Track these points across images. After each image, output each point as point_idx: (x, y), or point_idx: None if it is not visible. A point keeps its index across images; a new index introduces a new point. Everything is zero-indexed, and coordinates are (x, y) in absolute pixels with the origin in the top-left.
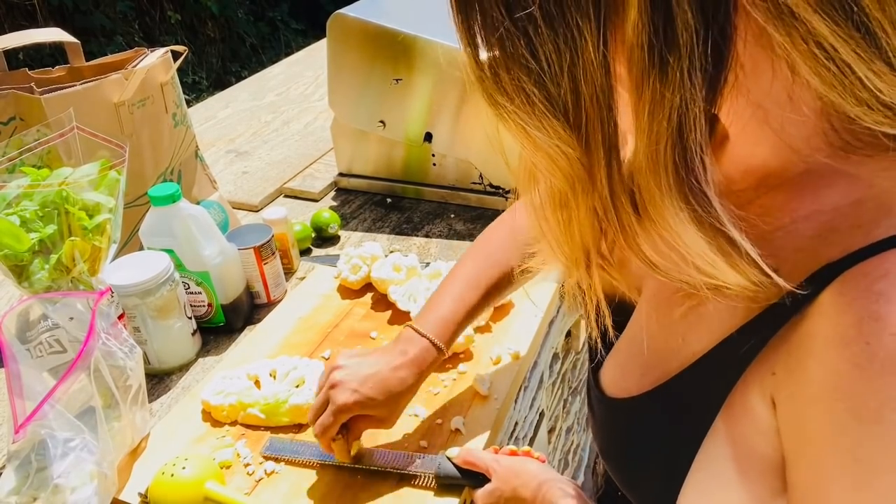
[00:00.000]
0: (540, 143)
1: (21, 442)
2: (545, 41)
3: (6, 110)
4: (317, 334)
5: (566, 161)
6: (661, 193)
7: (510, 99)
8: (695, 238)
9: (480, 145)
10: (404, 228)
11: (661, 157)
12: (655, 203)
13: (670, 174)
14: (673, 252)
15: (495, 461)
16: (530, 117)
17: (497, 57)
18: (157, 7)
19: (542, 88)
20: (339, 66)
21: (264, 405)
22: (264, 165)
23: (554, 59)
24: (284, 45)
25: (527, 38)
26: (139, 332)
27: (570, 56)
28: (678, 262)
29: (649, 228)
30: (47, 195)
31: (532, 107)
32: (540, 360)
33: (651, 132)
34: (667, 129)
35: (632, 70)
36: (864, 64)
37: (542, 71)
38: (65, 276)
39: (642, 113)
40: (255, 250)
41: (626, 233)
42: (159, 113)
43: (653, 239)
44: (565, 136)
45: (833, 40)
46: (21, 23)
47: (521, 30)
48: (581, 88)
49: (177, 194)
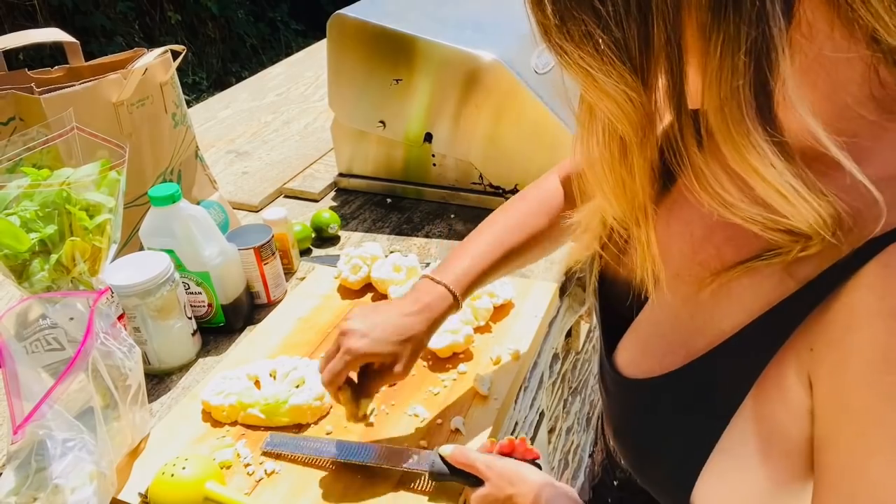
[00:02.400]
0: (607, 88)
1: (20, 442)
2: None
3: (6, 110)
4: (317, 335)
5: (632, 106)
6: (739, 130)
7: (576, 44)
8: (773, 171)
9: (480, 145)
10: (404, 228)
11: (739, 93)
12: (733, 140)
13: (752, 109)
14: (742, 192)
15: (487, 467)
16: (597, 62)
17: (562, 1)
18: (157, 7)
19: (608, 32)
20: (339, 67)
21: (264, 405)
22: (264, 165)
23: (621, 1)
24: (284, 46)
25: None
26: (139, 333)
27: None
28: (747, 201)
29: (717, 169)
30: (47, 195)
31: (598, 52)
32: (540, 360)
33: (726, 69)
34: (744, 63)
35: (703, 8)
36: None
37: (608, 14)
38: (65, 276)
39: (715, 52)
40: (255, 250)
41: (697, 173)
42: (159, 113)
43: (721, 180)
44: (631, 82)
45: None
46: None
47: None
48: (651, 32)
49: (177, 194)
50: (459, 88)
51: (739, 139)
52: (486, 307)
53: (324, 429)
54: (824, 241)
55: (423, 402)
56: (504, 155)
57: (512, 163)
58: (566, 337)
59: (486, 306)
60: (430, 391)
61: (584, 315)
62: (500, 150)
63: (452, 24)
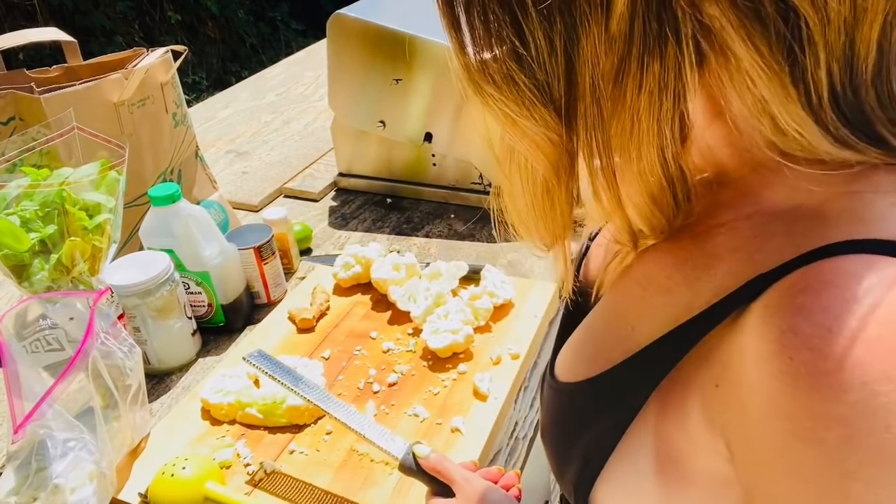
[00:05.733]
0: (526, 130)
1: (20, 442)
2: (535, 27)
3: (6, 110)
4: (316, 334)
5: (551, 148)
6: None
7: (497, 87)
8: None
9: (480, 145)
10: (404, 228)
11: (642, 129)
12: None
13: (663, 137)
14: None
15: (465, 480)
16: (517, 105)
17: (483, 42)
18: (157, 7)
19: (530, 75)
20: (339, 66)
21: (262, 405)
22: (264, 165)
23: (544, 45)
24: (284, 45)
25: (515, 23)
26: (139, 333)
27: (563, 43)
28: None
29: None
30: (47, 195)
31: (520, 94)
32: (540, 360)
33: (644, 107)
34: (649, 102)
35: (617, 54)
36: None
37: (531, 57)
38: (65, 276)
39: (628, 88)
40: (255, 250)
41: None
42: (159, 113)
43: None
44: (553, 124)
45: (753, 72)
46: (21, 23)
47: (509, 15)
48: (574, 75)
49: (177, 194)
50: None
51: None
52: (486, 307)
53: (323, 428)
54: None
55: (423, 402)
56: None
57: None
58: None
59: (486, 306)
60: (430, 391)
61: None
62: None
63: None
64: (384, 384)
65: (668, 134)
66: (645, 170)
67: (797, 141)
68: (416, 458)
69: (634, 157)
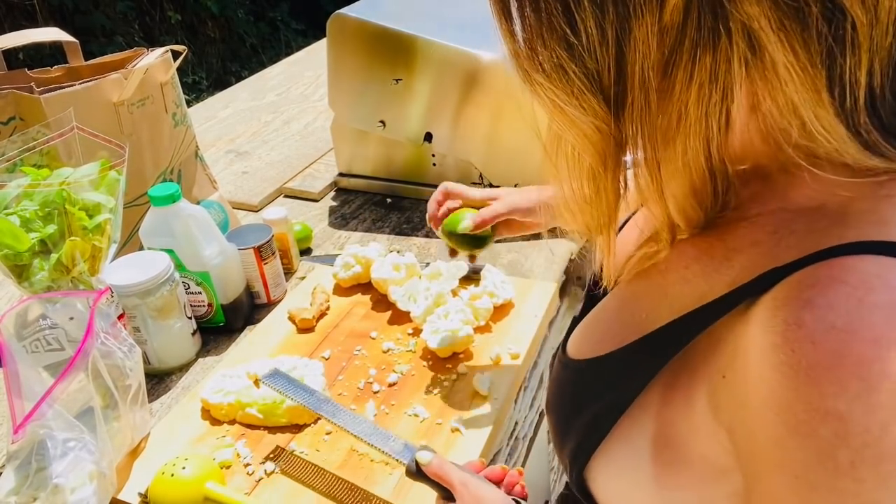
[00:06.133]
0: (574, 119)
1: (20, 442)
2: (587, 16)
3: (6, 110)
4: (316, 334)
5: (599, 137)
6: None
7: (546, 74)
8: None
9: (480, 145)
10: (404, 228)
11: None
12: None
13: (710, 130)
14: None
15: (463, 485)
16: (566, 94)
17: (533, 30)
18: (157, 7)
19: (580, 63)
20: (339, 66)
21: (262, 405)
22: (264, 165)
23: (595, 34)
24: (284, 45)
25: (567, 11)
26: (139, 332)
27: (614, 33)
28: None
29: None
30: (47, 195)
31: (569, 83)
32: (540, 360)
33: (703, 98)
34: (698, 95)
35: (668, 45)
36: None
37: (582, 46)
38: (65, 276)
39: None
40: (255, 250)
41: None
42: (159, 113)
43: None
44: (602, 113)
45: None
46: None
47: (561, 4)
48: (624, 64)
49: (177, 194)
50: (459, 88)
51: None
52: (486, 307)
53: (323, 429)
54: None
55: (423, 402)
56: (504, 155)
57: (512, 162)
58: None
59: (486, 306)
60: (430, 391)
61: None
62: (500, 150)
63: (452, 24)
64: (384, 384)
65: (715, 127)
66: (689, 162)
67: (824, 146)
68: (418, 465)
69: (679, 150)
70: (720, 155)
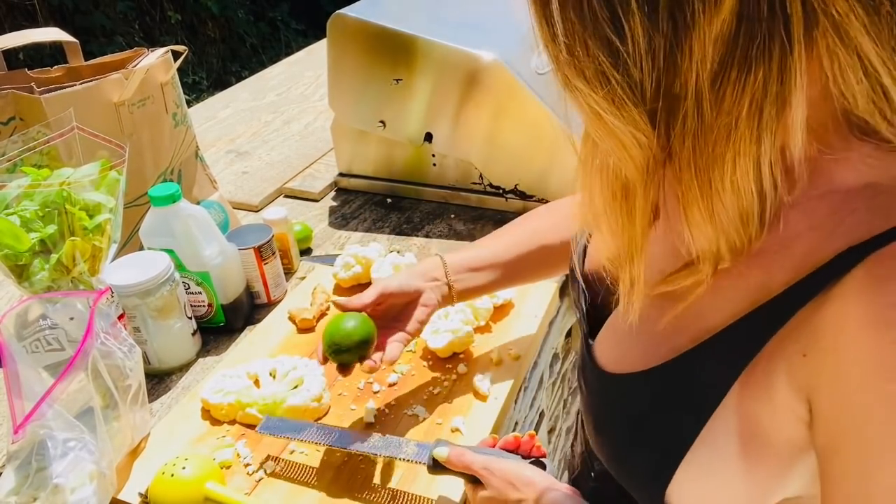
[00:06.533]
0: (614, 129)
1: (21, 442)
2: (636, 24)
3: (6, 110)
4: (317, 334)
5: (638, 150)
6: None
7: (587, 81)
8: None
9: (480, 145)
10: (404, 228)
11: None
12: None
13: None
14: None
15: (487, 469)
16: (608, 104)
17: (576, 35)
18: (157, 7)
19: (624, 72)
20: (339, 66)
21: (262, 405)
22: (264, 165)
23: (643, 43)
24: (284, 45)
25: (615, 17)
26: (139, 333)
27: (665, 43)
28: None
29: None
30: (48, 195)
31: (611, 91)
32: (540, 360)
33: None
34: (748, 109)
35: (719, 56)
36: None
37: (627, 53)
38: (65, 276)
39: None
40: (255, 250)
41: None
42: (159, 113)
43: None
44: (643, 125)
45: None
46: (21, 23)
47: (609, 11)
48: (673, 76)
49: (177, 194)
50: (459, 88)
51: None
52: (486, 307)
53: None
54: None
55: (423, 402)
56: (504, 155)
57: (512, 163)
58: (566, 337)
59: (486, 306)
60: (430, 391)
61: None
62: (500, 150)
63: (452, 24)
64: (384, 384)
65: (767, 142)
66: (738, 182)
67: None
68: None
69: (729, 168)
70: (772, 173)
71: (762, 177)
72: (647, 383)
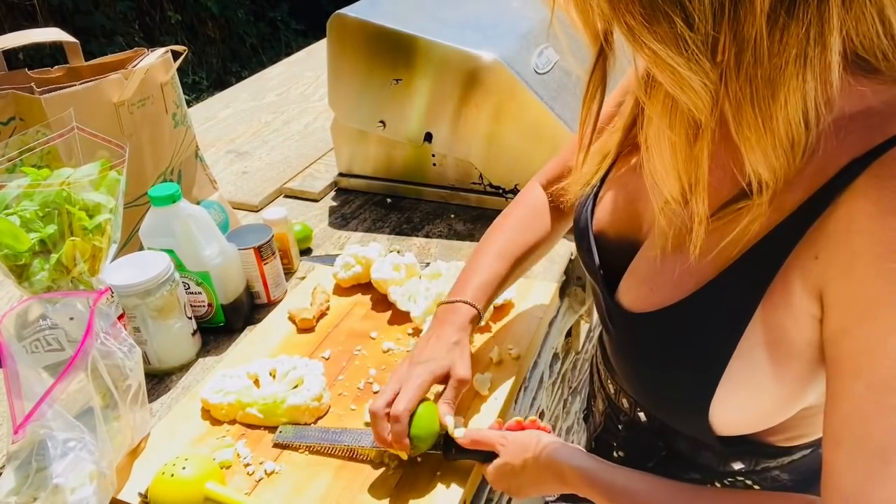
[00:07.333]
0: (692, 83)
1: (20, 442)
2: None
3: (6, 110)
4: (316, 334)
5: (710, 96)
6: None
7: (664, 44)
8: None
9: (480, 145)
10: (404, 228)
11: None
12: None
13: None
14: None
15: (502, 437)
16: (683, 59)
17: (653, 4)
18: (157, 7)
19: (699, 31)
20: (339, 66)
21: (262, 405)
22: (264, 165)
23: (707, 1)
24: (284, 45)
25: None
26: (139, 333)
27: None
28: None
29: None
30: (48, 195)
31: (687, 51)
32: (540, 360)
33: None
34: (795, 49)
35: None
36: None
37: (694, 9)
38: (65, 276)
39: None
40: (255, 250)
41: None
42: (159, 113)
43: None
44: (713, 76)
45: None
46: (21, 23)
47: None
48: (740, 29)
49: (177, 194)
50: (459, 88)
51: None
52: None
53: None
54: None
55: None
56: (504, 155)
57: (512, 163)
58: (566, 337)
59: None
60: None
61: (584, 315)
62: (500, 150)
63: (452, 24)
64: (384, 384)
65: (812, 78)
66: (789, 115)
67: None
68: (454, 441)
69: (784, 102)
70: (817, 106)
71: (808, 109)
72: (678, 316)
